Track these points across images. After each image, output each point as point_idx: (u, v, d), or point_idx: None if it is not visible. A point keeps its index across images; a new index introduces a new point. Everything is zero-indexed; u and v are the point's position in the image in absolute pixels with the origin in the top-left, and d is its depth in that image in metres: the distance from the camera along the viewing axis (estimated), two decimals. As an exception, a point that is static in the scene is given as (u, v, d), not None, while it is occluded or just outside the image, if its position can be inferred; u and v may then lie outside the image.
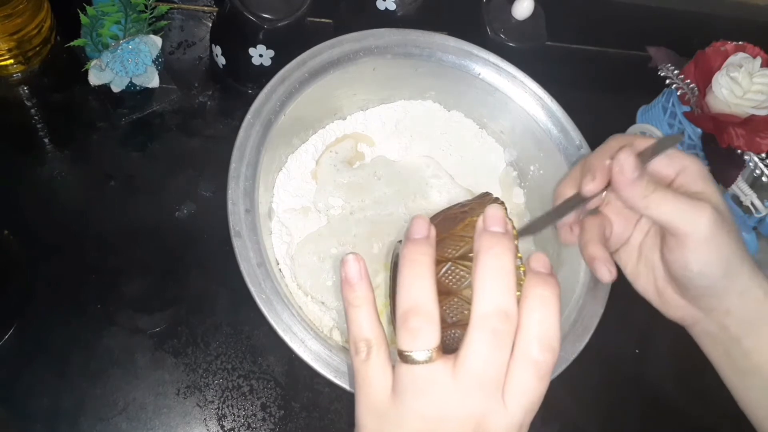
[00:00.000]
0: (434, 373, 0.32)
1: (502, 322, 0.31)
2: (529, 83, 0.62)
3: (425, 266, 0.33)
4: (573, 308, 0.54)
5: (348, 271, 0.34)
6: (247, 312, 0.57)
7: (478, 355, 0.31)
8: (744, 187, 0.68)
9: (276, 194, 0.58)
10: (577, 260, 0.57)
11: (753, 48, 0.67)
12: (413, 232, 0.34)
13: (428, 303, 0.32)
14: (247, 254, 0.48)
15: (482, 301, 0.32)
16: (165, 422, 0.52)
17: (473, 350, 0.31)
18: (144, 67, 0.59)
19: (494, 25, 0.68)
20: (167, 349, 0.55)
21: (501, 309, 0.31)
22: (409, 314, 0.32)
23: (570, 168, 0.45)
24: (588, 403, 0.62)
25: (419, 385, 0.32)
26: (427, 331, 0.32)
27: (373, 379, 0.33)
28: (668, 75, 0.69)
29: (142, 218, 0.59)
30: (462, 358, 0.32)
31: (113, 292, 0.55)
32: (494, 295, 0.31)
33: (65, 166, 0.59)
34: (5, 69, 0.60)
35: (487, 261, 0.32)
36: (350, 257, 0.35)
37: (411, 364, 0.32)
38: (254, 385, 0.55)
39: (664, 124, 0.71)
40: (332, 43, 0.57)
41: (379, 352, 0.33)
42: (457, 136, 0.66)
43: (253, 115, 0.53)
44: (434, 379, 0.32)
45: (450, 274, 0.35)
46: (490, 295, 0.32)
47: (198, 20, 0.70)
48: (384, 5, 0.67)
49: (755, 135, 0.63)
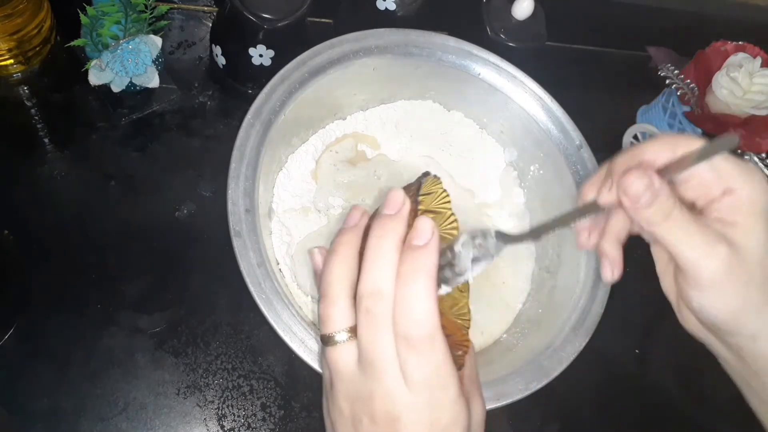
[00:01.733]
0: (345, 354, 0.34)
1: (374, 301, 0.32)
2: (529, 83, 0.62)
3: (337, 255, 0.35)
4: (573, 308, 0.54)
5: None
6: (247, 312, 0.57)
7: (360, 336, 0.33)
8: (744, 187, 0.68)
9: (276, 194, 0.58)
10: (577, 260, 0.57)
11: (753, 48, 0.67)
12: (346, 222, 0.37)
13: (334, 289, 0.34)
14: (247, 254, 0.48)
15: (360, 282, 0.33)
16: (165, 422, 0.52)
17: (359, 332, 0.33)
18: (144, 67, 0.59)
19: (494, 25, 0.68)
20: (167, 349, 0.55)
21: (372, 288, 0.33)
22: (321, 301, 0.34)
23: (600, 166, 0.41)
24: (588, 403, 0.62)
25: (334, 368, 0.34)
26: (335, 316, 0.34)
27: (322, 365, 0.37)
28: (668, 75, 0.69)
29: (142, 218, 0.59)
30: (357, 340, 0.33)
31: (113, 292, 0.55)
32: (368, 276, 0.33)
33: (65, 166, 0.59)
34: (5, 69, 0.60)
35: (369, 245, 0.33)
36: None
37: (329, 346, 0.34)
38: (254, 385, 0.55)
39: (664, 124, 0.71)
40: (332, 43, 0.57)
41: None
42: (457, 136, 0.66)
43: (253, 115, 0.53)
44: (343, 361, 0.34)
45: None
46: (365, 276, 0.33)
47: (198, 20, 0.70)
48: (384, 5, 0.67)
49: (755, 135, 0.63)
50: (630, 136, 0.75)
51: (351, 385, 0.34)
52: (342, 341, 0.34)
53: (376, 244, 0.33)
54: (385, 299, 0.32)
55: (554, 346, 0.52)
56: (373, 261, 0.33)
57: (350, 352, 0.34)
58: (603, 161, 0.60)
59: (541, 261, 0.62)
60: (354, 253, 0.35)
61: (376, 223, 0.34)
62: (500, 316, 0.59)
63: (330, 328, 0.34)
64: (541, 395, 0.50)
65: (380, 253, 0.33)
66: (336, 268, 0.34)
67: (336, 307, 0.34)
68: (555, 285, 0.59)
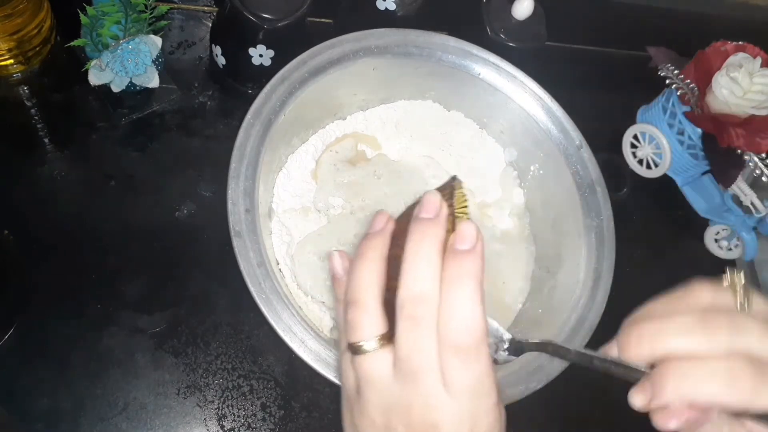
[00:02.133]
0: (379, 362, 0.32)
1: (418, 306, 0.31)
2: (529, 83, 0.62)
3: (366, 259, 0.33)
4: (573, 308, 0.54)
5: (334, 267, 0.36)
6: (247, 312, 0.57)
7: (403, 343, 0.32)
8: (744, 187, 0.68)
9: (276, 194, 0.58)
10: (577, 260, 0.57)
11: (753, 48, 0.67)
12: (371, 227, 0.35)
13: (363, 295, 0.33)
14: (247, 254, 0.48)
15: (402, 288, 0.32)
16: (165, 422, 0.52)
17: (399, 338, 0.32)
18: (144, 67, 0.59)
19: (494, 25, 0.68)
20: (167, 349, 0.55)
21: (417, 294, 0.31)
22: (349, 307, 0.33)
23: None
24: (588, 403, 0.62)
25: (366, 377, 0.33)
26: (366, 323, 0.32)
27: (346, 373, 0.34)
28: (668, 75, 0.69)
29: (142, 218, 0.59)
30: (395, 346, 0.32)
31: (113, 292, 0.55)
32: (413, 281, 0.32)
33: (65, 166, 0.59)
34: (5, 69, 0.60)
35: (410, 248, 0.32)
36: (335, 254, 0.35)
37: (359, 354, 0.33)
38: (254, 385, 0.55)
39: (664, 124, 0.71)
40: (332, 43, 0.57)
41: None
42: (457, 136, 0.66)
43: (253, 115, 0.53)
44: (377, 370, 0.32)
45: None
46: (408, 281, 0.32)
47: (198, 20, 0.70)
48: (384, 5, 0.67)
49: (755, 135, 0.63)
50: (630, 136, 0.75)
51: (385, 394, 0.32)
52: (374, 349, 0.32)
53: (416, 248, 0.32)
54: (430, 305, 0.31)
55: (554, 346, 0.52)
56: (415, 265, 0.32)
57: (385, 360, 0.32)
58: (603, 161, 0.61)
59: (541, 261, 0.62)
60: (382, 259, 0.33)
61: (415, 226, 0.33)
62: (500, 316, 0.59)
63: (361, 335, 0.32)
64: (541, 395, 0.50)
65: (423, 257, 0.32)
66: (366, 274, 0.33)
67: (367, 314, 0.32)
68: (555, 285, 0.59)
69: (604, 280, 0.56)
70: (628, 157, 0.76)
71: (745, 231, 0.70)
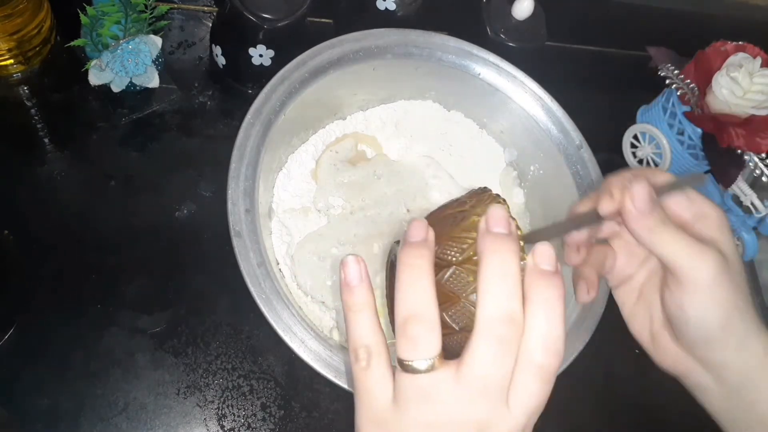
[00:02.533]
0: (436, 381, 0.31)
1: (508, 327, 0.30)
2: (529, 83, 0.62)
3: (423, 270, 0.32)
4: (573, 308, 0.54)
5: (348, 274, 0.33)
6: (247, 312, 0.57)
7: (483, 361, 0.30)
8: (744, 187, 0.68)
9: (276, 194, 0.58)
10: (577, 260, 0.57)
11: (753, 48, 0.67)
12: (411, 236, 0.33)
13: (427, 309, 0.31)
14: (247, 254, 0.48)
15: (487, 305, 0.31)
16: (165, 422, 0.52)
17: (479, 356, 0.31)
18: (144, 67, 0.59)
19: (494, 25, 0.68)
20: (167, 349, 0.55)
21: (506, 314, 0.30)
22: (408, 322, 0.31)
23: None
24: (588, 403, 0.62)
25: (421, 394, 0.31)
26: (428, 339, 0.31)
27: (374, 388, 0.33)
28: (668, 75, 0.69)
29: (142, 218, 0.59)
30: (467, 365, 0.31)
31: (113, 292, 0.55)
32: (499, 299, 0.31)
33: (65, 166, 0.59)
34: (5, 69, 0.60)
35: (490, 264, 0.31)
36: (350, 259, 0.33)
37: (412, 373, 0.31)
38: (254, 385, 0.55)
39: (664, 124, 0.71)
40: (332, 43, 0.57)
41: (379, 360, 0.33)
42: (457, 136, 0.66)
43: (253, 115, 0.53)
44: (437, 387, 0.31)
45: (454, 279, 0.34)
46: (494, 299, 0.31)
47: (198, 20, 0.70)
48: (384, 5, 0.67)
49: (755, 135, 0.63)
50: (630, 136, 0.75)
51: (441, 410, 0.31)
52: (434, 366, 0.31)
53: (499, 266, 0.31)
54: (517, 325, 0.31)
55: (554, 346, 0.52)
56: (502, 282, 0.31)
57: (448, 377, 0.31)
58: (603, 161, 0.61)
59: (541, 261, 0.62)
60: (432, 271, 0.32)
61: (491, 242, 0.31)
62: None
63: (424, 352, 0.31)
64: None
65: (507, 275, 0.31)
66: (427, 286, 0.31)
67: (432, 331, 0.31)
68: (555, 285, 0.59)
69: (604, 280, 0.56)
70: (628, 157, 0.76)
71: (745, 231, 0.70)
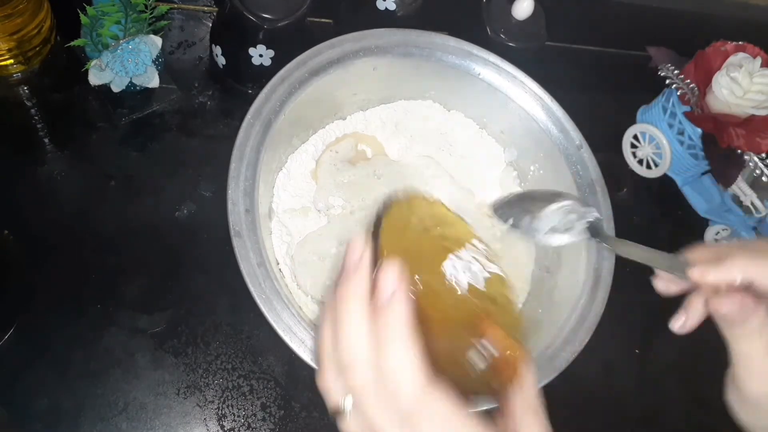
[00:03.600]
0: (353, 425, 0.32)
1: (356, 375, 0.31)
2: (529, 83, 0.62)
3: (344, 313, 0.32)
4: (573, 308, 0.54)
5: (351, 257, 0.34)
6: (247, 312, 0.57)
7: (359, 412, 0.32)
8: (744, 187, 0.68)
9: (276, 194, 0.58)
10: (577, 260, 0.57)
11: (753, 48, 0.67)
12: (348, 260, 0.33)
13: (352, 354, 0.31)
14: (247, 254, 0.48)
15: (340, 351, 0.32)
16: (165, 422, 0.52)
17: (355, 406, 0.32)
18: (144, 67, 0.59)
19: (494, 25, 0.68)
20: (167, 349, 0.55)
21: (351, 361, 0.31)
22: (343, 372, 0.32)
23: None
24: (588, 403, 0.62)
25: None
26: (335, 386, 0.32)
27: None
28: (668, 75, 0.69)
29: (142, 218, 0.59)
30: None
31: (113, 292, 0.55)
32: (346, 345, 0.32)
33: (65, 166, 0.59)
34: (5, 69, 0.60)
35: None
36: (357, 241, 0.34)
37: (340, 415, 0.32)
38: (254, 385, 0.55)
39: (664, 124, 0.71)
40: (332, 43, 0.57)
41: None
42: (457, 136, 0.66)
43: (253, 115, 0.53)
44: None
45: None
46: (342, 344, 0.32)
47: (198, 20, 0.70)
48: (384, 5, 0.67)
49: (755, 135, 0.63)
50: (630, 136, 0.75)
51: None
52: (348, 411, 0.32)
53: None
54: (366, 369, 0.31)
55: (554, 346, 0.52)
56: (341, 328, 0.31)
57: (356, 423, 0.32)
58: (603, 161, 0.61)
59: (540, 261, 0.62)
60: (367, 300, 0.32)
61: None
62: (500, 316, 0.59)
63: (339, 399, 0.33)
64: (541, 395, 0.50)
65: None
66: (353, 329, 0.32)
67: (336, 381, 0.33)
68: (555, 285, 0.59)
69: (604, 280, 0.56)
70: (628, 157, 0.76)
71: (745, 231, 0.70)
